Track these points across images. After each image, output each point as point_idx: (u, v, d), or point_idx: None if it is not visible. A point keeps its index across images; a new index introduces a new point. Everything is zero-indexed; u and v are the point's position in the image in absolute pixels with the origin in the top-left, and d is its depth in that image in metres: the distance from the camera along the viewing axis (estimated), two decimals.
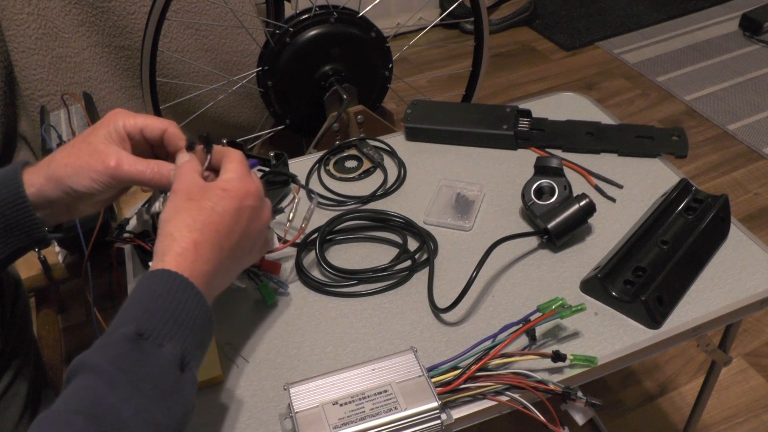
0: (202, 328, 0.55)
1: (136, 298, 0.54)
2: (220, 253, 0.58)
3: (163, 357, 0.51)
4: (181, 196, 0.59)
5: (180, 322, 0.53)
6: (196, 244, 0.56)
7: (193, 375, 0.53)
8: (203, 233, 0.57)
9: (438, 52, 2.35)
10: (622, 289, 0.73)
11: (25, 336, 0.77)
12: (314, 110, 1.35)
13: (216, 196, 0.59)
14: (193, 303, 0.54)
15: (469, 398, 0.64)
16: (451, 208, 0.86)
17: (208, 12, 1.52)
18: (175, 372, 0.51)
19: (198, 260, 0.56)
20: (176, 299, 0.53)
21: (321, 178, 0.94)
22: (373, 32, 1.33)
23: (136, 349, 0.50)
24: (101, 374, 0.48)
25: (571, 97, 1.06)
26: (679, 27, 2.38)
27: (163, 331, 0.52)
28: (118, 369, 0.49)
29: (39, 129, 1.20)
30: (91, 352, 0.50)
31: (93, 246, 0.97)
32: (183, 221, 0.57)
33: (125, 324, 0.51)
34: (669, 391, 1.29)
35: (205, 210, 0.58)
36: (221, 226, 0.58)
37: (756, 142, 1.86)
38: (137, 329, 0.51)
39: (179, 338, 0.52)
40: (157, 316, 0.52)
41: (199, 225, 0.57)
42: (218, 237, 0.58)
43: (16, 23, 1.32)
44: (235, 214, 0.60)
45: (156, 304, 0.53)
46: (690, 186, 0.84)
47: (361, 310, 0.75)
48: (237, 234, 0.60)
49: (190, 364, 0.53)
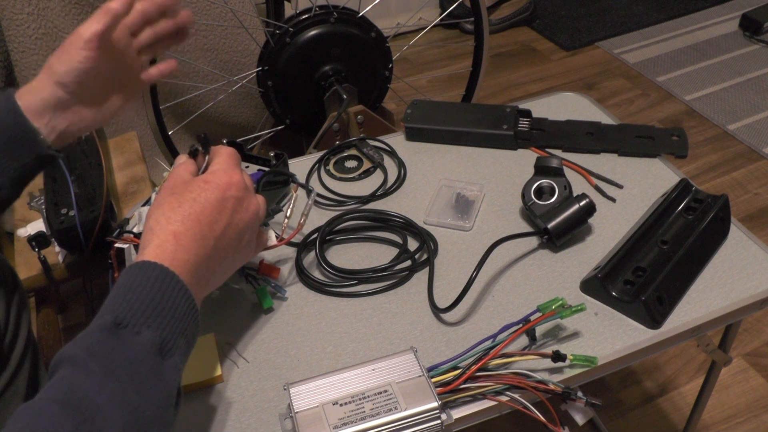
0: (184, 316, 0.55)
1: (115, 290, 0.54)
2: (203, 243, 0.58)
3: (140, 344, 0.51)
4: (165, 192, 0.60)
5: (158, 310, 0.53)
6: (176, 235, 0.57)
7: (175, 362, 0.53)
8: (184, 224, 0.57)
9: (438, 52, 2.35)
10: (622, 289, 0.73)
11: (24, 335, 0.77)
12: (314, 110, 1.35)
13: (198, 188, 0.60)
14: (173, 291, 0.54)
15: (469, 398, 0.64)
16: (451, 208, 0.86)
17: (208, 12, 1.52)
18: (154, 358, 0.51)
19: (178, 250, 0.56)
20: (154, 288, 0.53)
21: (321, 178, 0.94)
22: (373, 32, 1.33)
23: (113, 338, 0.50)
24: (77, 363, 0.49)
25: (571, 97, 1.06)
26: (679, 27, 2.38)
27: (141, 319, 0.52)
28: (93, 357, 0.49)
29: None
30: (69, 344, 0.50)
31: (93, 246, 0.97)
32: (163, 214, 0.58)
33: (103, 315, 0.52)
34: (669, 391, 1.29)
35: (185, 201, 0.59)
36: (203, 216, 0.59)
37: (756, 142, 1.86)
38: (114, 319, 0.51)
39: (157, 325, 0.52)
40: (134, 305, 0.52)
41: (179, 216, 0.58)
42: (200, 227, 0.58)
43: (16, 23, 1.32)
44: (217, 204, 0.60)
45: (134, 293, 0.53)
46: (690, 186, 0.84)
47: (361, 310, 0.75)
48: (221, 224, 0.60)
49: (171, 351, 0.53)
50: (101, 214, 0.97)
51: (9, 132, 0.66)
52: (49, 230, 0.97)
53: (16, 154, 0.66)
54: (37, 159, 0.68)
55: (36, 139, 0.67)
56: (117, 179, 1.16)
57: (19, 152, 0.66)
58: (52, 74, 0.67)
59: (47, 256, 0.99)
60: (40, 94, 0.67)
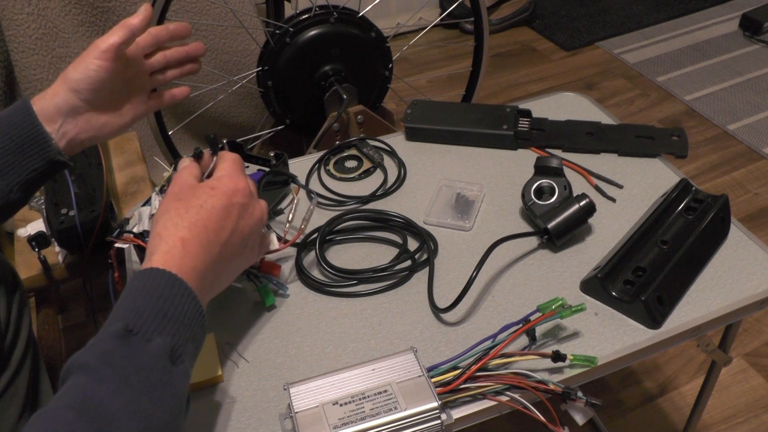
0: (192, 322, 0.55)
1: (125, 297, 0.54)
2: (209, 249, 0.59)
3: (152, 351, 0.51)
4: (170, 197, 0.61)
5: (169, 316, 0.53)
6: (184, 241, 0.57)
7: (185, 368, 0.54)
8: (191, 230, 0.58)
9: (438, 52, 2.35)
10: (622, 289, 0.73)
11: (24, 335, 0.77)
12: (314, 110, 1.35)
13: (205, 194, 0.61)
14: (182, 297, 0.55)
15: (469, 398, 0.64)
16: (451, 208, 0.86)
17: (208, 12, 1.52)
18: (165, 365, 0.52)
19: (186, 256, 0.57)
20: (164, 295, 0.54)
21: (321, 178, 0.94)
22: (373, 32, 1.33)
23: (125, 345, 0.51)
24: (90, 371, 0.49)
25: (571, 97, 1.06)
26: (679, 27, 2.38)
27: (151, 326, 0.52)
28: (106, 365, 0.49)
29: None
30: (82, 351, 0.51)
31: (93, 246, 0.97)
32: (170, 220, 0.59)
33: (114, 322, 0.52)
34: (669, 391, 1.29)
35: (192, 208, 0.60)
36: (209, 223, 0.59)
37: (756, 142, 1.86)
38: (126, 326, 0.51)
39: (168, 332, 0.53)
40: (145, 312, 0.53)
41: (186, 223, 0.58)
42: (207, 233, 0.59)
43: (16, 23, 1.32)
44: (223, 210, 0.61)
45: (144, 300, 0.53)
46: (690, 186, 0.84)
47: (361, 310, 0.75)
48: (227, 230, 0.61)
49: (181, 357, 0.53)
50: (101, 214, 0.97)
51: (23, 136, 0.67)
52: (49, 230, 0.97)
53: (29, 158, 0.67)
54: (48, 164, 0.69)
55: (48, 145, 0.68)
56: (117, 179, 1.16)
57: (31, 156, 0.67)
58: (66, 80, 0.69)
59: (47, 256, 0.99)
60: (54, 99, 0.69)
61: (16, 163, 0.67)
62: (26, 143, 0.67)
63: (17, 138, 0.67)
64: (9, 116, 0.68)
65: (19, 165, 0.67)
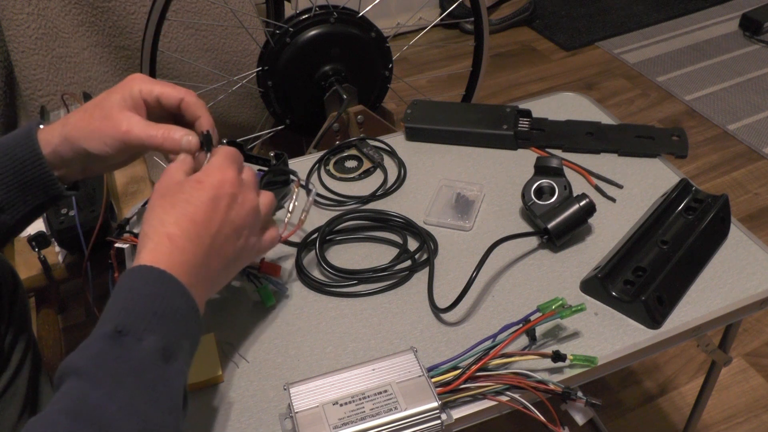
0: (185, 318, 0.54)
1: (114, 297, 0.54)
2: (198, 242, 0.58)
3: (144, 351, 0.50)
4: (156, 195, 0.60)
5: (159, 314, 0.52)
6: (171, 237, 0.56)
7: (180, 366, 0.53)
8: (178, 225, 0.57)
9: (438, 52, 2.35)
10: (622, 289, 0.73)
11: (24, 335, 0.77)
12: (314, 110, 1.35)
13: (191, 188, 0.60)
14: (172, 294, 0.54)
15: (469, 398, 0.64)
16: (451, 208, 0.86)
17: (208, 12, 1.52)
18: (159, 364, 0.51)
19: (174, 252, 0.56)
20: (153, 292, 0.53)
21: (321, 178, 0.94)
22: (373, 32, 1.33)
23: (117, 347, 0.50)
24: (83, 374, 0.48)
25: (571, 97, 1.06)
26: (679, 27, 2.38)
27: (141, 325, 0.51)
28: (99, 367, 0.49)
29: None
30: (74, 354, 0.50)
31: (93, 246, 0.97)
32: (156, 217, 0.58)
33: (104, 323, 0.52)
34: (669, 391, 1.29)
35: (179, 203, 0.59)
36: (197, 216, 0.58)
37: (756, 142, 1.86)
38: (116, 326, 0.51)
39: (160, 330, 0.52)
40: (134, 311, 0.52)
41: (172, 218, 0.57)
42: (195, 227, 0.58)
43: (16, 23, 1.31)
44: (210, 203, 0.59)
45: (132, 299, 0.53)
46: (690, 186, 0.84)
47: (361, 310, 0.75)
48: (216, 222, 0.59)
49: (175, 355, 0.52)
50: (101, 214, 0.97)
51: (27, 174, 0.64)
52: (49, 230, 0.97)
53: (32, 194, 0.65)
54: (51, 199, 0.67)
55: (53, 183, 0.65)
56: (117, 179, 1.16)
57: (34, 194, 0.66)
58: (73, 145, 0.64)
59: (47, 256, 0.99)
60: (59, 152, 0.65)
61: (18, 199, 0.65)
62: (30, 182, 0.65)
63: (21, 176, 0.64)
64: (13, 148, 0.64)
65: (22, 201, 0.65)
